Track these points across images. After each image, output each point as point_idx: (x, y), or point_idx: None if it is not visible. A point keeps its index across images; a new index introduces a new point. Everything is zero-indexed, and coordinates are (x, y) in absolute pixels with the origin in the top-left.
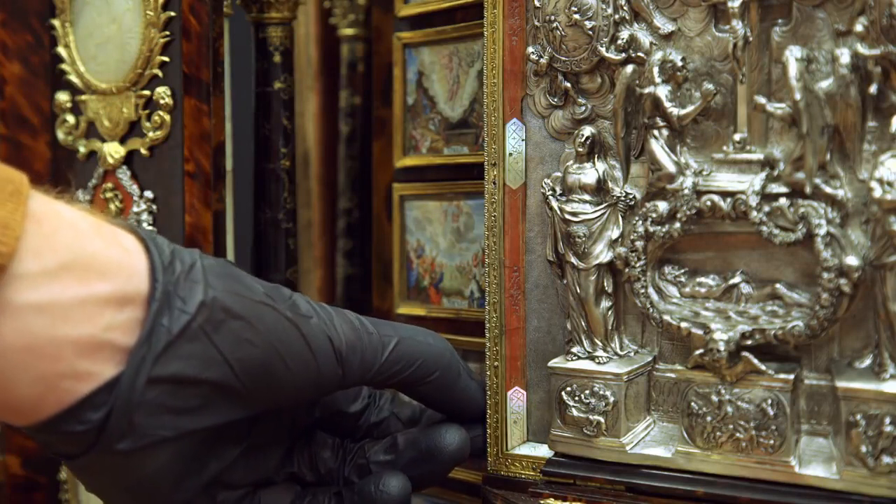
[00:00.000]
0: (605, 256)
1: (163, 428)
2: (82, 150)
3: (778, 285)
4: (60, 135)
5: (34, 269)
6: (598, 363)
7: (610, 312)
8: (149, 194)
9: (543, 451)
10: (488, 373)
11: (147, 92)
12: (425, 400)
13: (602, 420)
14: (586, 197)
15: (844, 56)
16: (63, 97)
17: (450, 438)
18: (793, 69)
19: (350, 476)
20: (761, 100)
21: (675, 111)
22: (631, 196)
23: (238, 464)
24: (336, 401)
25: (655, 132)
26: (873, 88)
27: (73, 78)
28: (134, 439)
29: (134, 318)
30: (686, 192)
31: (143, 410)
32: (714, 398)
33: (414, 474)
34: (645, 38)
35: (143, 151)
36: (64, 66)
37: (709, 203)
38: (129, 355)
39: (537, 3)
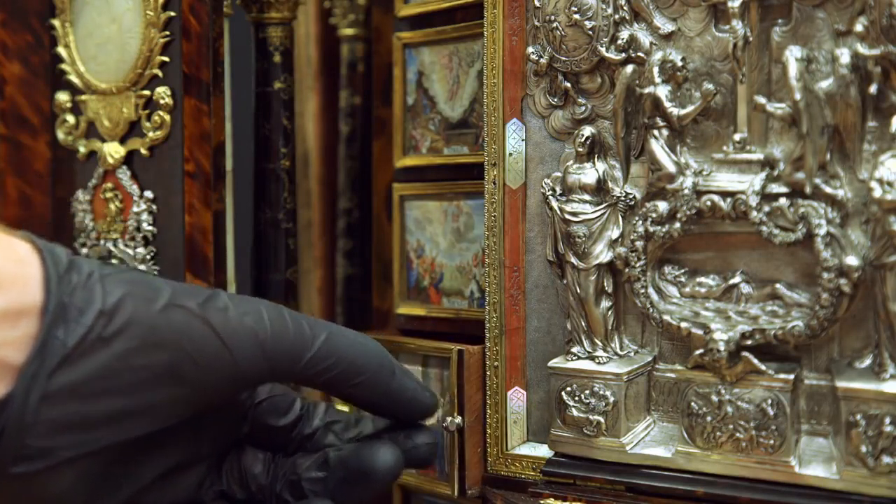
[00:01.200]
0: (605, 256)
1: (64, 448)
2: (82, 150)
3: (778, 285)
4: (60, 135)
5: None
6: (598, 363)
7: (610, 312)
8: (149, 194)
9: (543, 451)
10: (488, 373)
11: (147, 92)
12: (361, 402)
13: (602, 420)
14: (586, 197)
15: (844, 56)
16: (63, 97)
17: (381, 458)
18: (793, 69)
19: (282, 493)
20: (761, 100)
21: (675, 111)
22: (631, 196)
23: (157, 485)
24: (266, 414)
25: (655, 132)
26: (873, 88)
27: (73, 78)
28: (31, 462)
29: (28, 333)
30: (686, 192)
31: (39, 430)
32: (714, 398)
33: (344, 496)
34: (645, 38)
35: (143, 151)
36: (64, 66)
37: (709, 203)
38: (20, 373)
39: (537, 3)
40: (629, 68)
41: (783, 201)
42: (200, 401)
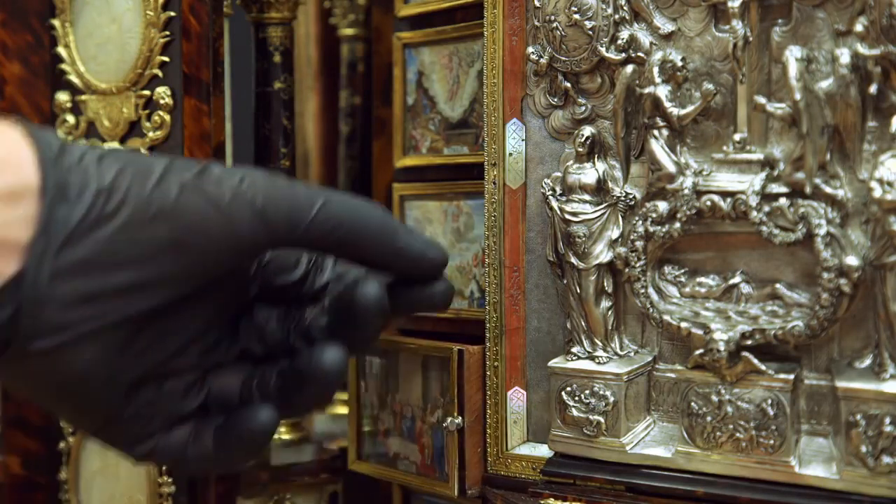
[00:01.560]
0: (605, 256)
1: (80, 322)
2: None
3: (778, 285)
4: (61, 135)
5: None
6: (598, 363)
7: (610, 312)
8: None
9: (543, 451)
10: (488, 373)
11: (147, 92)
12: (367, 264)
13: (602, 420)
14: (586, 197)
15: (844, 56)
16: (63, 97)
17: (365, 292)
18: (793, 69)
19: (296, 344)
20: (761, 100)
21: (675, 111)
22: (631, 196)
23: (181, 351)
24: (274, 273)
25: (655, 132)
26: (873, 88)
27: (73, 78)
28: (51, 337)
29: (29, 213)
30: (686, 192)
31: (53, 306)
32: (714, 398)
33: (343, 335)
34: (645, 38)
35: (144, 151)
36: (64, 66)
37: (709, 203)
38: (28, 250)
39: (537, 3)
40: (629, 68)
41: (783, 201)
42: (205, 271)
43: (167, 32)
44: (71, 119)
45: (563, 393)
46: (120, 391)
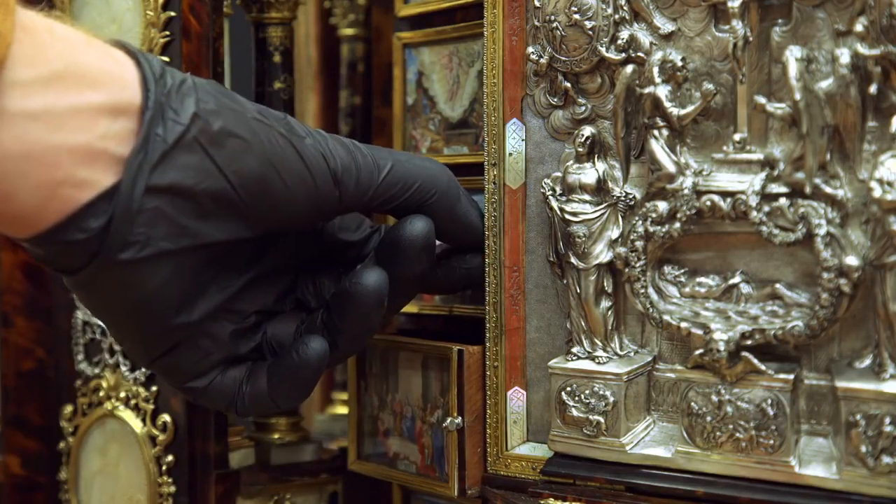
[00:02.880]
0: (605, 256)
1: (164, 239)
2: None
3: (778, 285)
4: None
5: (28, 77)
6: (598, 363)
7: (610, 312)
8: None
9: (543, 451)
10: (488, 373)
11: None
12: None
13: (602, 420)
14: (586, 197)
15: (844, 56)
16: None
17: (412, 225)
18: (793, 69)
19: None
20: (761, 100)
21: (675, 111)
22: (631, 196)
23: (244, 293)
24: (338, 230)
25: (655, 132)
26: (873, 88)
27: None
28: (135, 249)
29: (128, 128)
30: (686, 192)
31: (143, 219)
32: (714, 398)
33: (388, 268)
34: (645, 38)
35: None
36: None
37: (709, 203)
38: (126, 164)
39: (537, 3)
40: (629, 68)
41: (783, 201)
42: (278, 217)
43: (167, 32)
44: None
45: (563, 393)
46: (189, 317)
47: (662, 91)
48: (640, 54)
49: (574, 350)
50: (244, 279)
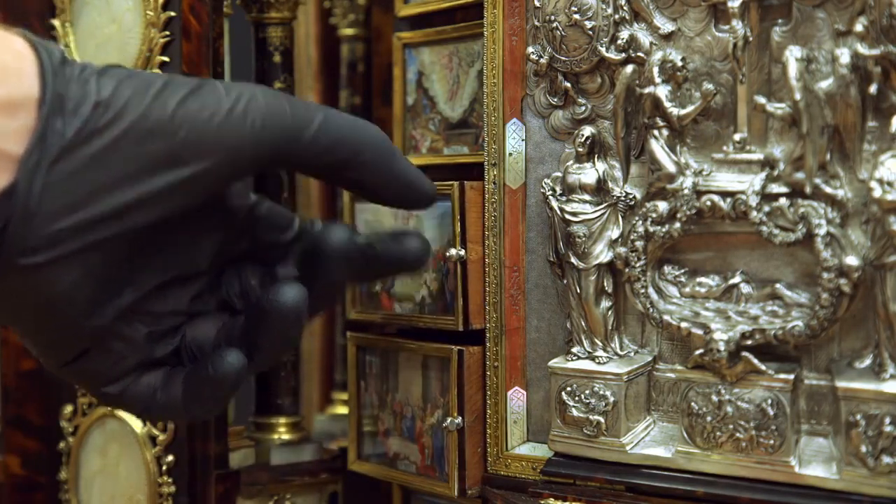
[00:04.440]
0: (605, 256)
1: (68, 240)
2: None
3: (778, 285)
4: None
5: None
6: (598, 363)
7: (610, 312)
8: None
9: (543, 451)
10: (488, 373)
11: None
12: (362, 186)
13: (602, 420)
14: (586, 197)
15: (844, 56)
16: None
17: (333, 234)
18: (793, 69)
19: None
20: (761, 100)
21: (675, 111)
22: (631, 196)
23: (158, 293)
24: (266, 230)
25: (655, 132)
26: (873, 88)
27: None
28: (37, 253)
29: (25, 125)
30: (686, 192)
31: (43, 221)
32: (714, 398)
33: (309, 278)
34: (645, 38)
35: None
36: None
37: (709, 203)
38: (22, 163)
39: (537, 3)
40: (629, 68)
41: (783, 201)
42: (202, 188)
43: (167, 32)
44: None
45: (563, 393)
46: (101, 320)
47: (662, 91)
48: (640, 54)
49: (574, 350)
50: (158, 278)
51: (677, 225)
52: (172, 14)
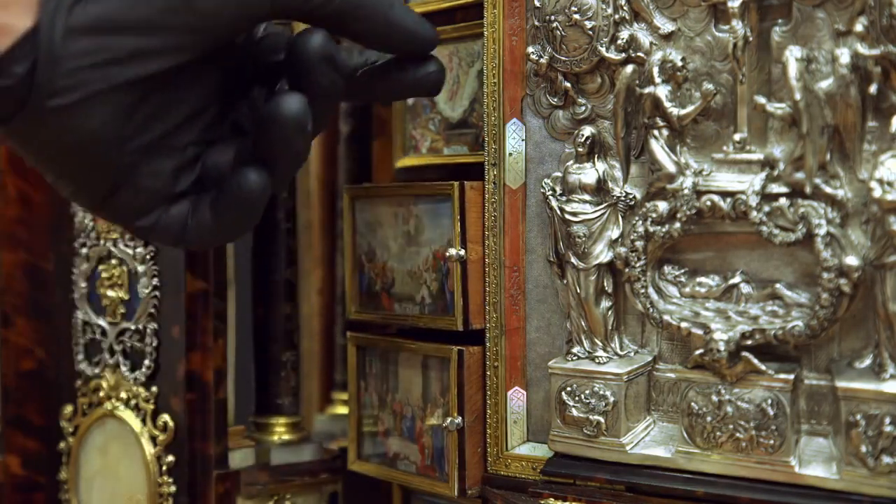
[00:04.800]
0: (605, 256)
1: (93, 81)
2: None
3: (778, 285)
4: None
5: None
6: (598, 363)
7: (610, 312)
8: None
9: (543, 451)
10: (488, 373)
11: None
12: (363, 37)
13: (602, 420)
14: (586, 197)
15: (844, 56)
16: None
17: (305, 38)
18: (793, 69)
19: None
20: (761, 100)
21: (675, 111)
22: (631, 196)
23: (182, 124)
24: (266, 52)
25: (655, 132)
26: (873, 88)
27: None
28: (65, 94)
29: None
30: (686, 192)
31: (68, 63)
32: (714, 398)
33: (297, 86)
34: (645, 38)
35: None
36: None
37: (709, 203)
38: (41, 4)
39: (537, 3)
40: (629, 68)
41: (783, 201)
42: (214, 36)
43: None
44: None
45: (563, 393)
46: (128, 156)
47: (662, 91)
48: (640, 54)
49: (574, 350)
50: (184, 108)
51: (677, 225)
52: None
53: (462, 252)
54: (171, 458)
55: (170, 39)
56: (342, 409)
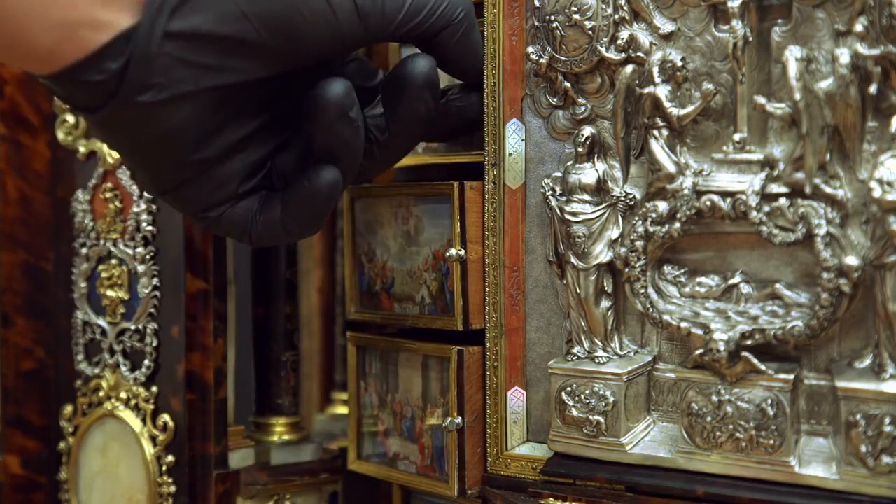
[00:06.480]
0: (605, 256)
1: (183, 81)
2: (82, 149)
3: (778, 285)
4: (60, 135)
5: None
6: (598, 363)
7: (610, 312)
8: (148, 194)
9: (543, 451)
10: (488, 373)
11: None
12: (442, 51)
13: (602, 420)
14: (586, 197)
15: (844, 56)
16: None
17: (414, 64)
18: (793, 69)
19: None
20: (761, 100)
21: (675, 111)
22: (631, 196)
23: (258, 132)
24: (354, 76)
25: (655, 132)
26: (873, 88)
27: None
28: (154, 91)
29: None
30: (686, 192)
31: (162, 63)
32: (714, 398)
33: (392, 108)
34: (645, 38)
35: None
36: None
37: (709, 203)
38: (145, 6)
39: (537, 3)
40: (629, 68)
41: (783, 201)
42: (302, 54)
43: None
44: (71, 119)
45: (562, 393)
46: (205, 153)
47: (662, 91)
48: (639, 54)
49: (574, 350)
50: (259, 119)
51: (677, 225)
52: None
53: (462, 252)
54: (171, 458)
55: (260, 58)
56: (342, 409)
